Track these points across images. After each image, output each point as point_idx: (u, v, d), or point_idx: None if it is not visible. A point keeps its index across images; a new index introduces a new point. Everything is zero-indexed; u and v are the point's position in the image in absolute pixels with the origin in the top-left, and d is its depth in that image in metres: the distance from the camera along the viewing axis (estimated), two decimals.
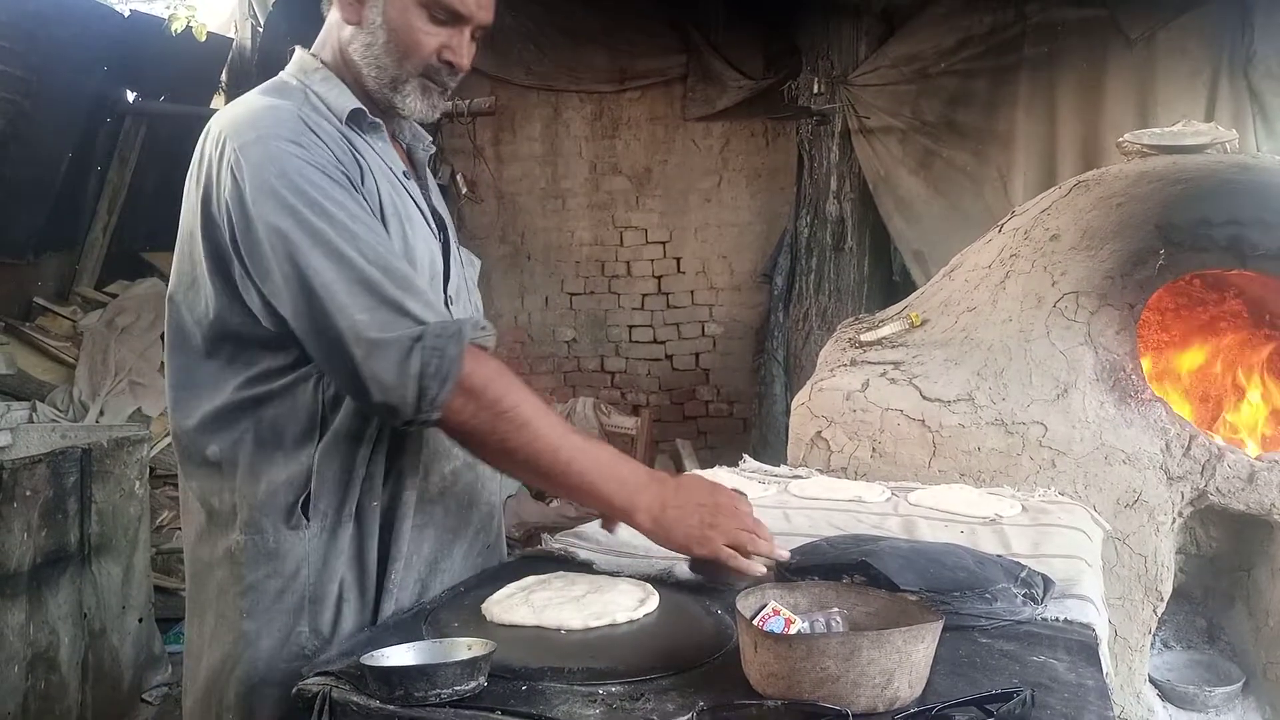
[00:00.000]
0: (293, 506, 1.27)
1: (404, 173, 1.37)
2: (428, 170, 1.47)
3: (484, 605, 1.25)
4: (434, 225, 1.38)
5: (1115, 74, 4.86)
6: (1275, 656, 2.56)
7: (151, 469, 3.53)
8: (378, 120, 1.34)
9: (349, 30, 1.33)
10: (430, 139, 1.48)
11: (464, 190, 5.33)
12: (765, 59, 5.54)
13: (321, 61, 1.36)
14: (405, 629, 1.21)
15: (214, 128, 1.29)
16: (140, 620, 3.11)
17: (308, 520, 1.27)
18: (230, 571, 1.29)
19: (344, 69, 1.35)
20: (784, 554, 1.34)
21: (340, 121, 1.30)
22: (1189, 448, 2.52)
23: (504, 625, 1.19)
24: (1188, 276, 2.88)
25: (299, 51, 1.39)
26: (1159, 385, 2.86)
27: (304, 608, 1.28)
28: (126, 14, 5.01)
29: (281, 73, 1.38)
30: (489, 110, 4.92)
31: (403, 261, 1.24)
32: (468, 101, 4.83)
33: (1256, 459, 2.55)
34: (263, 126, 1.24)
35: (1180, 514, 2.53)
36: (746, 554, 1.29)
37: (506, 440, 1.22)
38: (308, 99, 1.30)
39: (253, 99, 1.33)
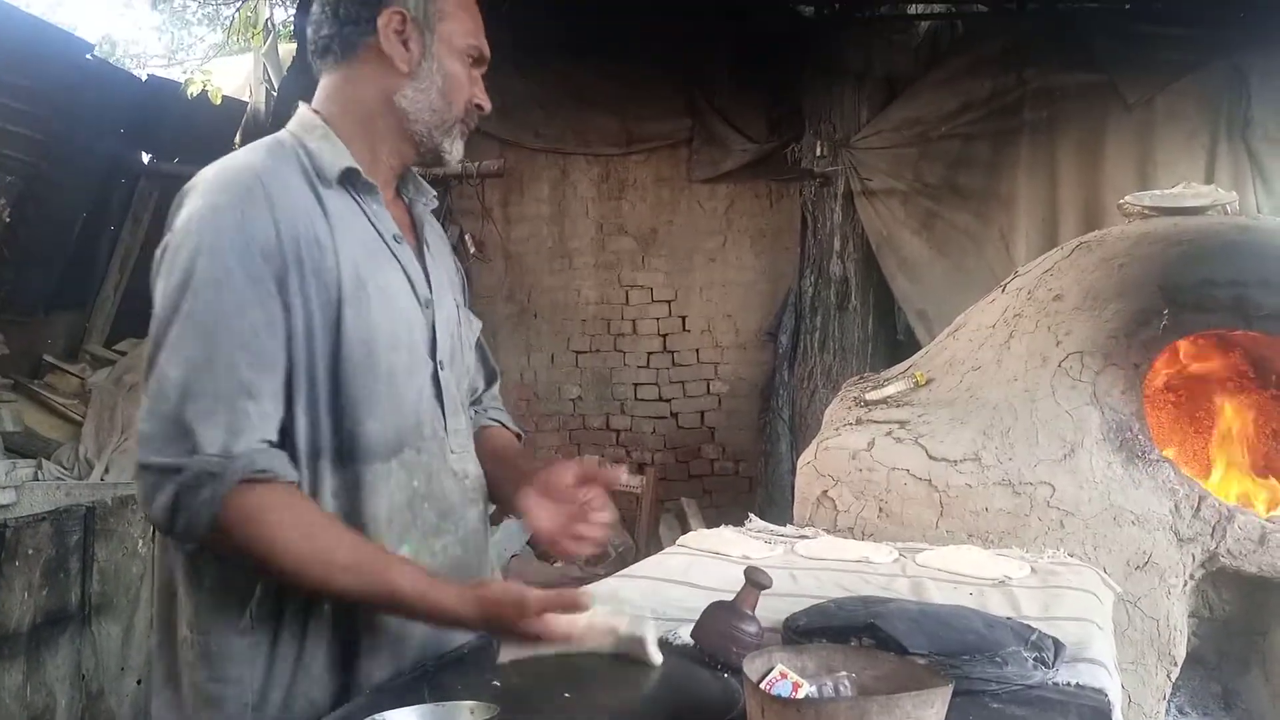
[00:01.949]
0: (240, 609, 1.21)
1: (395, 236, 1.32)
2: (433, 226, 1.44)
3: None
4: (425, 288, 1.33)
5: (1115, 137, 4.94)
6: None
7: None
8: (371, 181, 1.30)
9: (398, 81, 1.31)
10: (434, 193, 1.47)
11: (472, 250, 5.38)
12: (769, 123, 5.64)
13: (323, 119, 1.32)
14: (407, 692, 1.20)
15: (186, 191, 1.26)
16: (139, 682, 3.07)
17: (253, 624, 1.21)
18: (182, 659, 1.25)
19: (366, 124, 1.32)
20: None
21: (328, 183, 1.26)
22: (1198, 509, 2.50)
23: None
24: (1192, 337, 2.89)
25: (302, 107, 1.36)
26: (1166, 445, 2.85)
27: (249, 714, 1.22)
28: (145, 79, 5.13)
29: (280, 132, 1.35)
30: (498, 172, 5.00)
31: (250, 371, 1.15)
32: (477, 164, 4.91)
33: (1267, 520, 2.52)
34: (216, 188, 1.21)
35: (1192, 576, 2.50)
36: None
37: (265, 566, 1.16)
38: (297, 157, 1.27)
39: (236, 155, 1.30)
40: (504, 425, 1.58)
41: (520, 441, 1.59)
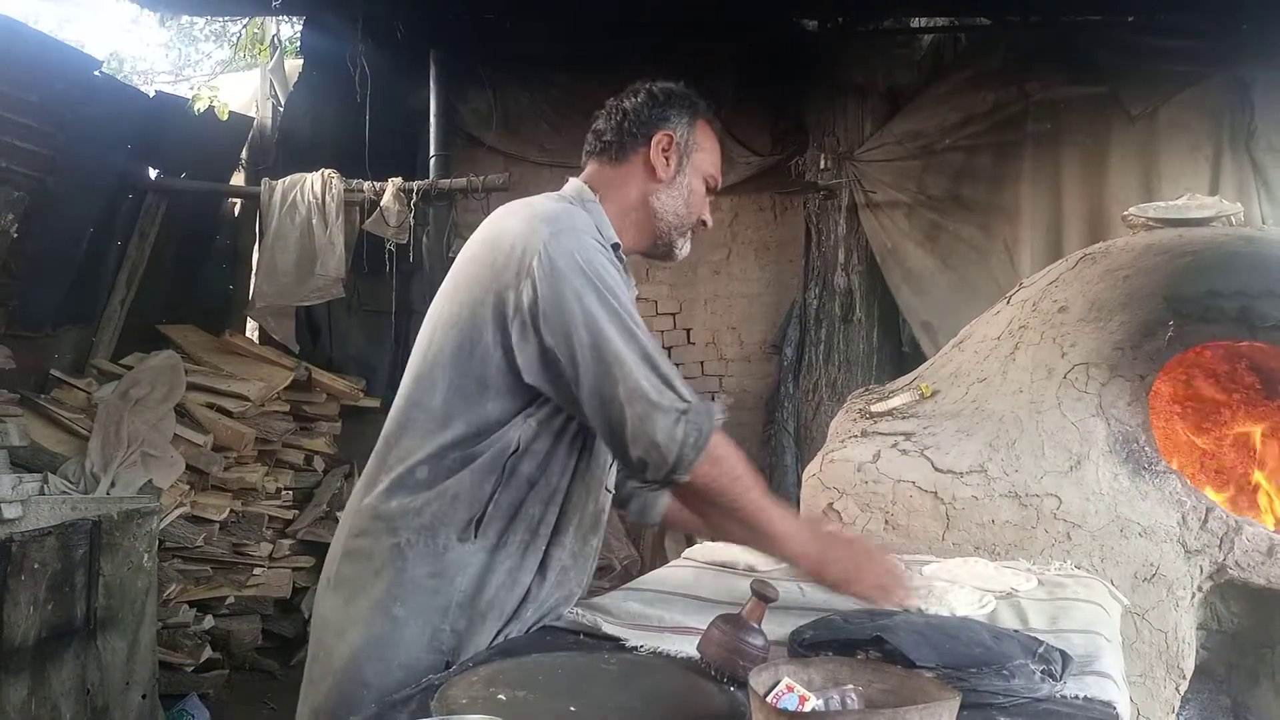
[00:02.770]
0: (468, 523, 1.49)
1: (636, 300, 1.62)
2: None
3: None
4: None
5: (1118, 149, 4.94)
6: None
7: (160, 541, 3.52)
8: (624, 256, 1.63)
9: (655, 185, 1.68)
10: (635, 284, 1.75)
11: None
12: (773, 136, 5.65)
13: (597, 197, 1.65)
14: (414, 705, 1.20)
15: (516, 210, 1.59)
16: (144, 697, 3.06)
17: (475, 537, 1.49)
18: (394, 564, 1.49)
19: (623, 212, 1.67)
20: (914, 603, 1.63)
21: (607, 248, 1.56)
22: (1206, 520, 2.49)
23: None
24: (1198, 348, 2.88)
25: (574, 181, 1.70)
26: (1173, 457, 2.84)
27: (451, 611, 1.47)
28: (152, 94, 5.16)
29: (560, 192, 1.68)
30: (503, 186, 5.01)
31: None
32: (483, 178, 4.92)
33: (1276, 532, 2.51)
34: (571, 222, 1.53)
35: (1200, 588, 2.49)
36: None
37: (735, 501, 1.54)
38: (589, 220, 1.58)
39: (549, 201, 1.62)
40: None
41: None
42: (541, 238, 1.48)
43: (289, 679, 4.34)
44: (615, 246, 1.60)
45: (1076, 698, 1.30)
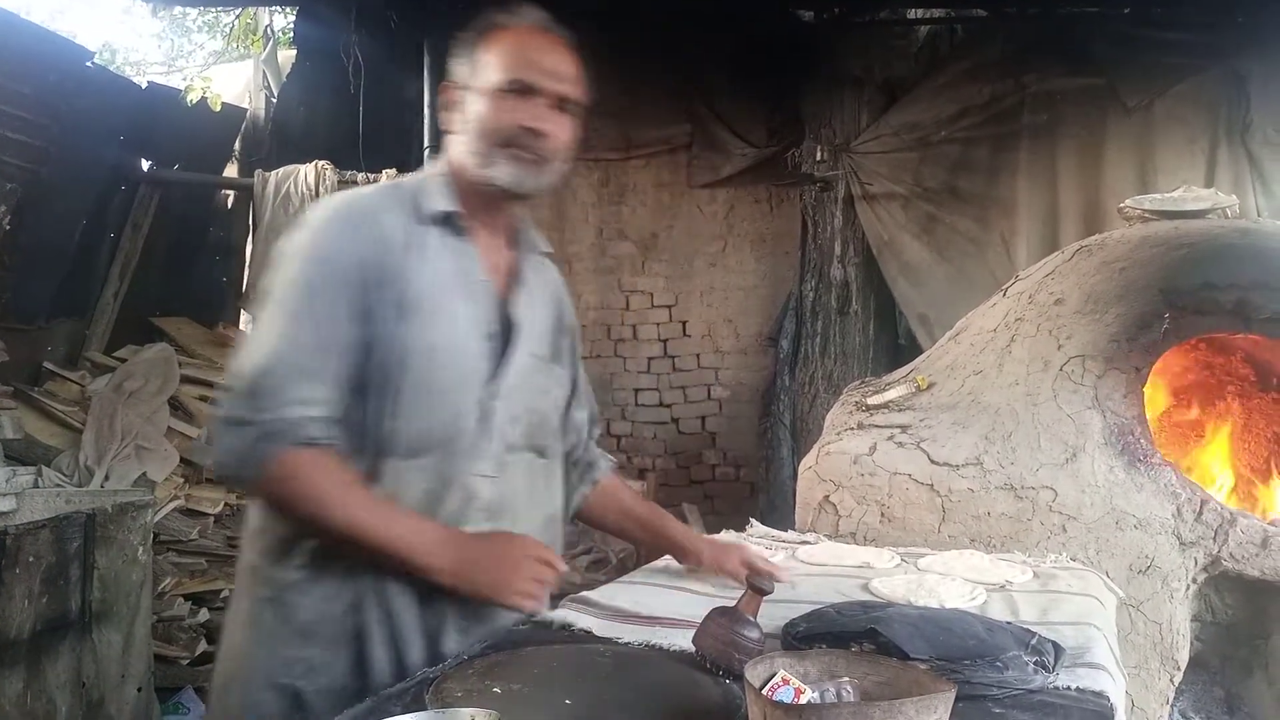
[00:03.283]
0: (283, 543, 1.43)
1: (478, 275, 1.49)
2: (542, 282, 1.62)
3: None
4: (494, 325, 1.49)
5: (1114, 141, 4.94)
6: None
7: (155, 534, 3.51)
8: (464, 225, 1.49)
9: (451, 139, 1.53)
10: (544, 252, 1.65)
11: None
12: (769, 128, 5.64)
13: (448, 168, 1.54)
14: (409, 698, 1.20)
15: None
16: (139, 690, 3.06)
17: (293, 558, 1.42)
18: (245, 587, 1.49)
19: (455, 174, 1.53)
20: (564, 568, 1.48)
21: (425, 221, 1.47)
22: (1201, 512, 2.49)
23: None
24: (1193, 340, 2.88)
25: (439, 159, 1.60)
26: (1168, 449, 2.84)
27: (291, 638, 1.41)
28: (144, 85, 5.14)
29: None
30: None
31: (315, 359, 1.37)
32: None
33: (1270, 524, 2.52)
34: (330, 214, 1.46)
35: (1194, 580, 2.50)
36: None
37: (322, 521, 1.37)
38: (410, 198, 1.49)
39: (357, 191, 1.57)
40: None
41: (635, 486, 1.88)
42: (290, 241, 1.47)
43: None
44: (446, 216, 1.48)
45: (1069, 689, 1.30)
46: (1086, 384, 2.71)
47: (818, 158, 5.28)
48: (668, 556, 2.12)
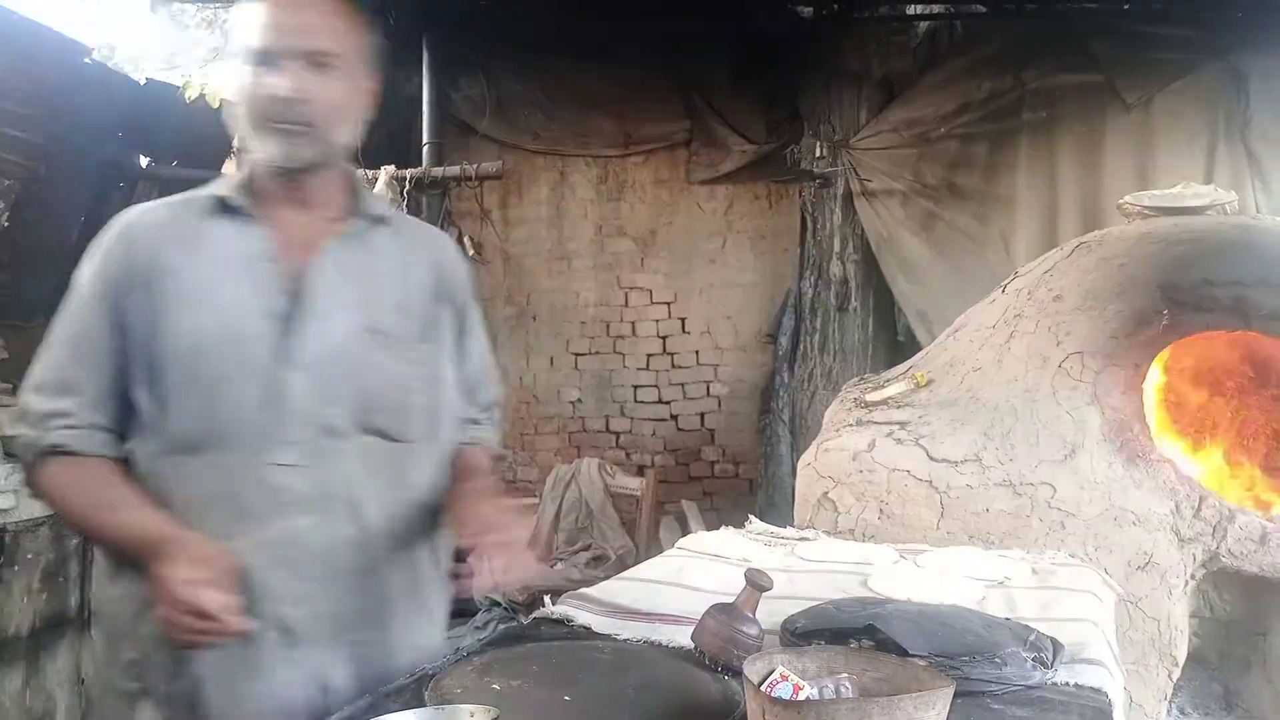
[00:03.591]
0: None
1: (262, 255, 1.37)
2: (371, 251, 1.44)
3: None
4: (283, 303, 1.35)
5: (1114, 137, 4.93)
6: None
7: None
8: (237, 206, 1.39)
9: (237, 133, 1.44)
10: (380, 211, 1.48)
11: (471, 252, 5.38)
12: (768, 124, 5.63)
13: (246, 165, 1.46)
14: (408, 695, 1.20)
15: None
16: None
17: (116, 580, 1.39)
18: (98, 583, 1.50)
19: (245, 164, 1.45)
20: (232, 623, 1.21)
21: (208, 214, 1.40)
22: (1199, 509, 2.50)
23: None
24: (1192, 337, 2.88)
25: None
26: (1166, 446, 2.84)
27: (122, 640, 1.38)
28: (143, 82, 5.12)
29: None
30: (496, 174, 4.99)
31: (74, 370, 1.37)
32: (476, 165, 4.91)
33: (1268, 520, 2.52)
34: (113, 222, 1.44)
35: (1193, 576, 2.50)
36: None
37: (76, 526, 1.44)
38: (199, 197, 1.43)
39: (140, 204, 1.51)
40: (481, 446, 1.57)
41: (501, 462, 1.63)
42: None
43: None
44: (220, 203, 1.40)
45: (1068, 685, 1.31)
46: (1085, 380, 2.71)
47: (817, 154, 5.28)
48: (669, 552, 2.12)
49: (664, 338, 5.93)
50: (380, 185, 4.80)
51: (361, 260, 1.42)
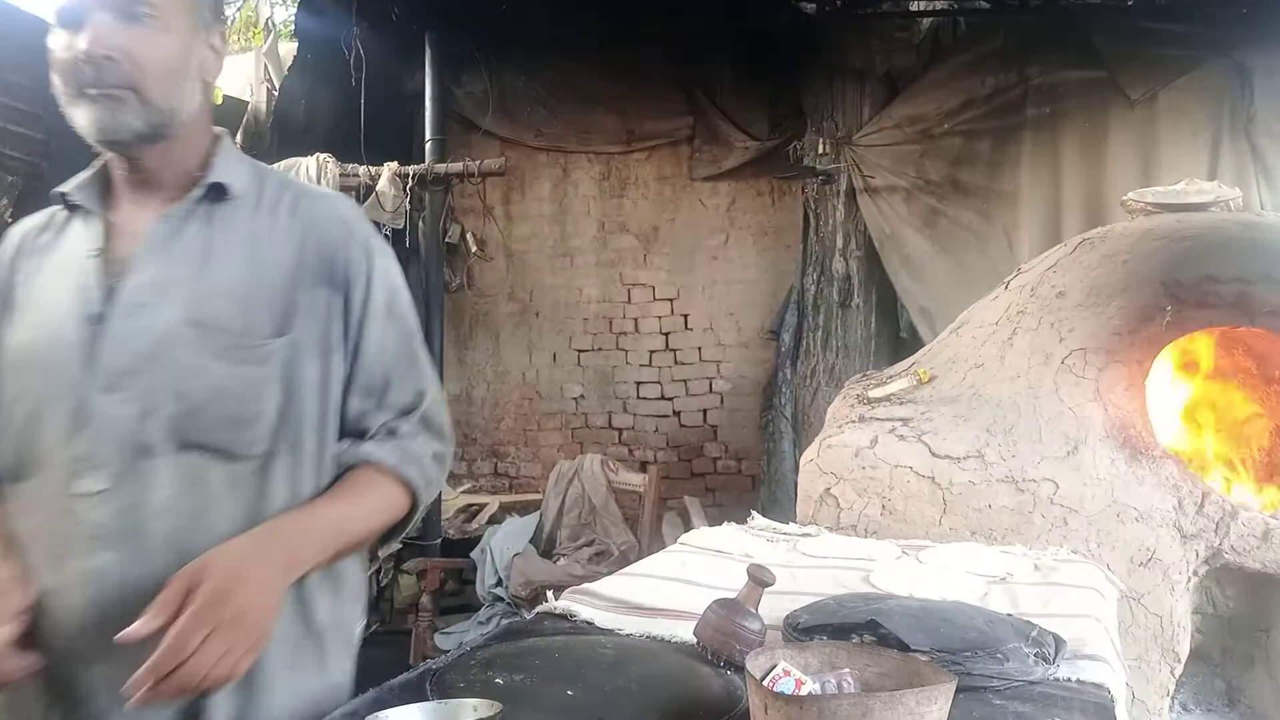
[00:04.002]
0: None
1: (91, 250, 1.20)
2: (248, 221, 1.23)
3: None
4: (94, 303, 1.17)
5: (1117, 134, 4.92)
6: None
7: None
8: (76, 201, 1.24)
9: None
10: (232, 180, 1.24)
11: (474, 249, 5.39)
12: (770, 120, 5.63)
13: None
14: (410, 690, 1.20)
15: None
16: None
17: None
18: None
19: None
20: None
21: (64, 219, 1.26)
22: (1202, 505, 2.50)
23: None
24: (1196, 333, 2.88)
25: None
26: (1169, 443, 2.84)
27: None
28: None
29: None
30: (499, 171, 4.99)
31: None
32: (478, 162, 4.91)
33: (1271, 516, 2.52)
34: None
35: (1195, 573, 2.50)
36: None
37: None
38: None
39: None
40: (380, 465, 1.24)
41: (405, 486, 1.25)
42: None
43: None
44: (59, 199, 1.26)
45: (1070, 680, 1.30)
46: (1088, 377, 2.71)
47: (820, 150, 5.27)
48: (671, 548, 2.12)
49: (666, 334, 5.93)
50: (383, 182, 4.81)
51: (193, 242, 1.20)
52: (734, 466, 5.88)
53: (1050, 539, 2.43)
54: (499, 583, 3.79)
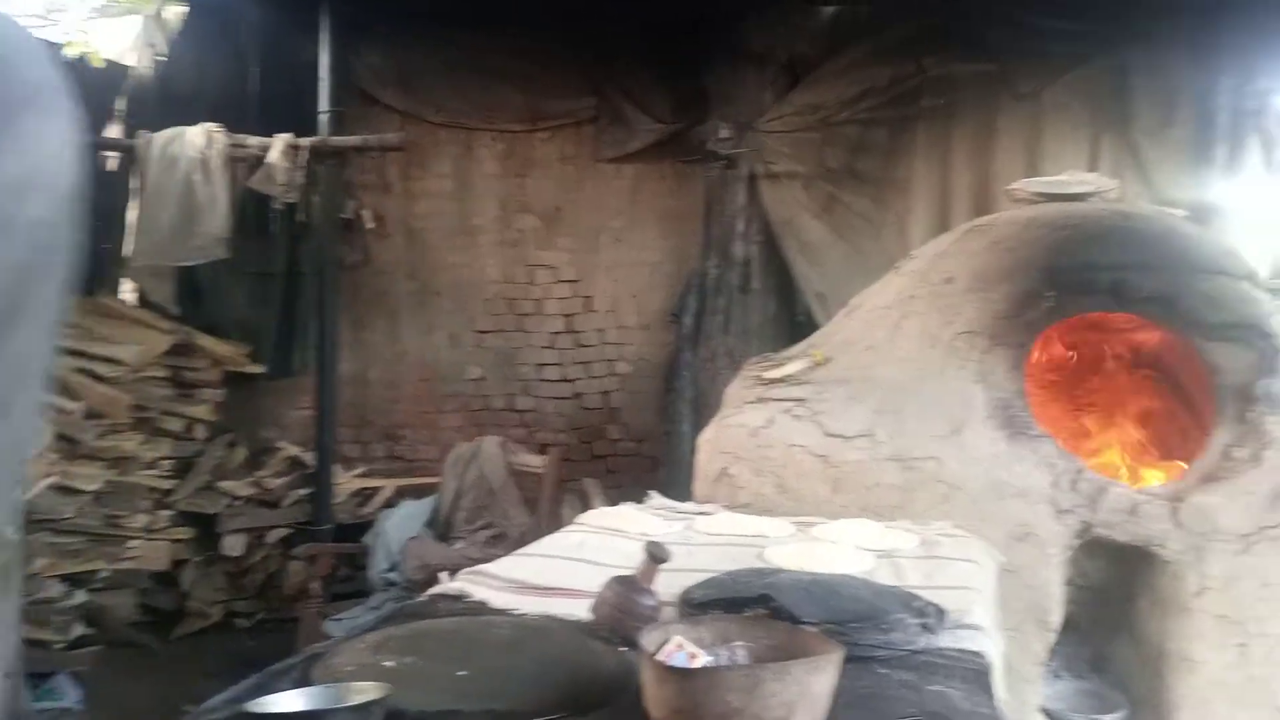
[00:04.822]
0: None
1: None
2: None
3: None
4: None
5: (1005, 126, 5.11)
6: (1156, 685, 2.66)
7: (27, 514, 3.33)
8: None
9: None
10: None
11: (371, 225, 5.24)
12: (675, 104, 5.64)
13: None
14: (296, 674, 1.17)
15: None
16: (7, 675, 2.90)
17: None
18: None
19: None
20: None
21: None
22: (1076, 482, 2.62)
23: None
24: (1075, 318, 3.01)
25: None
26: (1046, 423, 2.97)
27: None
28: None
29: None
30: (398, 146, 4.87)
31: None
32: (377, 137, 4.78)
33: (1138, 491, 2.66)
34: None
35: (1069, 546, 2.62)
36: None
37: None
38: None
39: None
40: None
41: None
42: None
43: (167, 654, 4.20)
44: None
45: (950, 649, 1.36)
46: (973, 359, 2.81)
47: (722, 135, 5.31)
48: (568, 528, 2.12)
49: (569, 316, 5.90)
50: (275, 154, 4.63)
51: None
52: (635, 448, 5.91)
53: (935, 515, 2.51)
54: (392, 568, 3.72)
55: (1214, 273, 2.86)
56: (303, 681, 1.11)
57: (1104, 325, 3.14)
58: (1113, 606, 2.81)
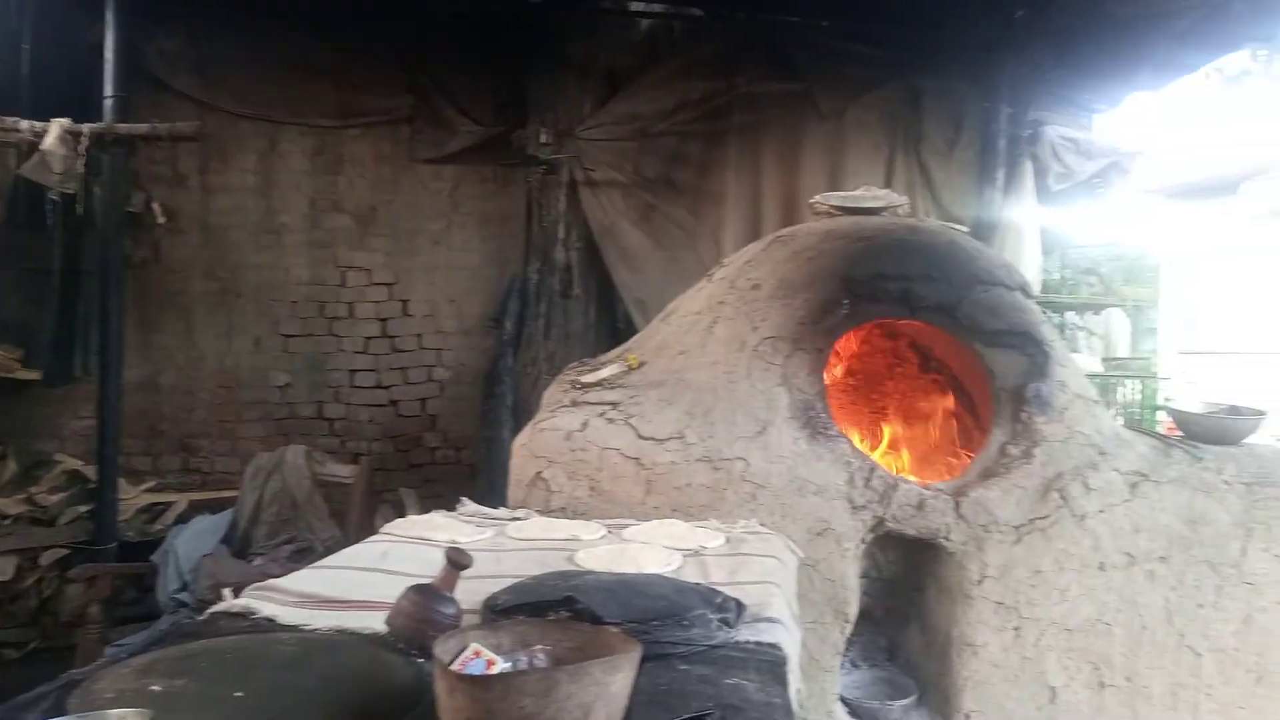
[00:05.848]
0: None
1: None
2: None
3: None
4: None
5: (810, 143, 5.38)
6: (942, 668, 2.85)
7: None
8: None
9: None
10: None
11: (161, 219, 4.87)
12: (495, 106, 5.57)
13: None
14: (49, 703, 1.05)
15: None
16: None
17: None
18: None
19: None
20: None
21: None
22: (869, 479, 2.77)
23: None
24: (870, 324, 3.19)
25: None
26: (844, 423, 3.13)
27: None
28: None
29: None
30: (192, 135, 4.55)
31: None
32: (168, 125, 4.45)
33: (924, 488, 2.84)
34: None
35: (864, 540, 2.77)
36: None
37: None
38: None
39: None
40: None
41: None
42: None
43: None
44: None
45: (749, 643, 1.39)
46: (777, 363, 2.92)
47: (541, 140, 5.30)
48: (371, 538, 2.04)
49: (384, 320, 5.71)
50: (51, 140, 4.23)
51: None
52: (453, 456, 5.78)
53: (741, 513, 2.59)
54: (184, 587, 3.46)
55: (991, 284, 3.09)
56: (54, 711, 1.01)
57: (897, 331, 3.34)
58: (904, 597, 2.99)
